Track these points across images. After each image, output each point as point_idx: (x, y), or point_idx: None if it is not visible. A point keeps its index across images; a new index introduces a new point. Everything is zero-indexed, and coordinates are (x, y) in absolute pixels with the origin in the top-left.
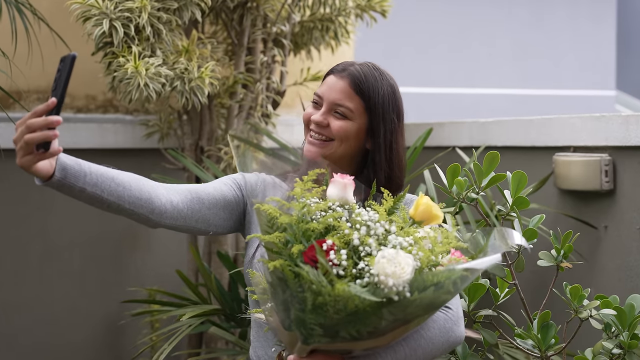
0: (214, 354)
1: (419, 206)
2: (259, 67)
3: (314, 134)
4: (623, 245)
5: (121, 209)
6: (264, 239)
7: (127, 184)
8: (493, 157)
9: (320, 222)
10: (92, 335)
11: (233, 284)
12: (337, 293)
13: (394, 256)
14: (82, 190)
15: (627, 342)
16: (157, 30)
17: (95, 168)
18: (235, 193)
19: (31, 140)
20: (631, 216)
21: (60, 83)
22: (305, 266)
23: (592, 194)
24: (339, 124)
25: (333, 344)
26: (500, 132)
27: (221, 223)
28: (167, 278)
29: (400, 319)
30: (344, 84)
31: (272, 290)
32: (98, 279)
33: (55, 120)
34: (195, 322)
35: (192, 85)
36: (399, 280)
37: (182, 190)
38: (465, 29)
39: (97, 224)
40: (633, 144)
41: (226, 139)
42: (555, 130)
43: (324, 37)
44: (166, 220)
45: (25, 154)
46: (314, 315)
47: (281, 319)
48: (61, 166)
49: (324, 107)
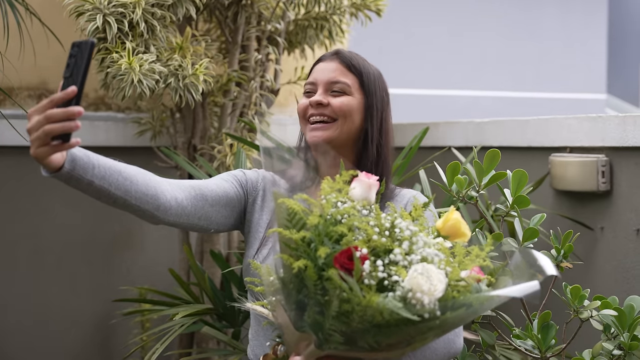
0: (205, 354)
1: (448, 221)
2: (253, 65)
3: (315, 117)
4: (620, 246)
5: (127, 204)
6: (285, 235)
7: (134, 178)
8: (494, 155)
9: (344, 224)
10: (83, 335)
11: (226, 283)
12: (368, 304)
13: (427, 271)
14: (90, 183)
15: (628, 344)
16: (151, 26)
17: (104, 161)
18: (237, 190)
19: (51, 132)
20: (628, 217)
21: (78, 71)
22: (333, 271)
23: (589, 195)
24: (340, 100)
25: (347, 351)
26: (496, 133)
27: (222, 220)
28: (159, 277)
29: (422, 334)
30: (335, 64)
31: (285, 288)
32: (88, 278)
33: (77, 111)
34: (188, 322)
35: (186, 82)
36: (432, 298)
37: (186, 187)
38: (457, 31)
39: (88, 223)
40: (630, 145)
41: (219, 138)
42: (551, 130)
43: (318, 35)
44: (170, 217)
45: (41, 145)
46: (336, 321)
47: (292, 318)
48: (71, 157)
49: (320, 89)
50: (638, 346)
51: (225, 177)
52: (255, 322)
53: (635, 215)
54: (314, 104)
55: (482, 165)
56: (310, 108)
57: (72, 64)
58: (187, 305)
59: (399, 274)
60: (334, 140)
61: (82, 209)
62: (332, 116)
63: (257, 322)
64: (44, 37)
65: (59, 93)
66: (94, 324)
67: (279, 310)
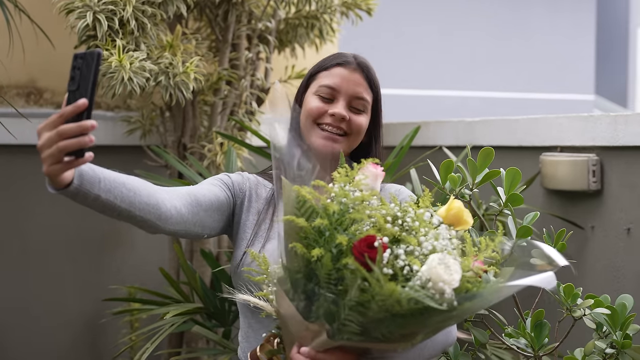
0: (195, 353)
1: (451, 209)
2: (243, 63)
3: (330, 128)
4: (610, 245)
5: (131, 216)
6: (297, 223)
7: (137, 190)
8: (487, 153)
9: (360, 212)
10: (71, 335)
11: (216, 283)
12: (391, 293)
13: (446, 261)
14: (97, 198)
15: (621, 342)
16: (141, 24)
17: (108, 173)
18: (226, 193)
19: (65, 148)
20: (618, 216)
21: (85, 82)
22: (349, 259)
23: (579, 194)
24: (360, 120)
25: (359, 342)
26: (486, 132)
27: (215, 225)
28: (148, 276)
29: (437, 324)
30: (359, 76)
31: (292, 278)
32: (77, 278)
33: (90, 125)
34: (178, 321)
35: (176, 81)
36: (451, 288)
37: (182, 194)
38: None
39: (77, 222)
40: (621, 144)
41: (210, 136)
42: (542, 130)
43: (309, 34)
44: (170, 226)
45: (54, 162)
46: (353, 311)
47: (300, 308)
48: (78, 172)
49: (341, 100)
50: (631, 344)
51: (214, 182)
52: (245, 324)
53: (625, 214)
54: (338, 117)
55: (475, 164)
56: (329, 117)
57: (78, 75)
58: (177, 305)
59: (414, 264)
60: (339, 153)
61: (71, 209)
62: (346, 131)
63: (247, 325)
64: (33, 35)
65: (69, 107)
66: (82, 323)
67: (282, 301)
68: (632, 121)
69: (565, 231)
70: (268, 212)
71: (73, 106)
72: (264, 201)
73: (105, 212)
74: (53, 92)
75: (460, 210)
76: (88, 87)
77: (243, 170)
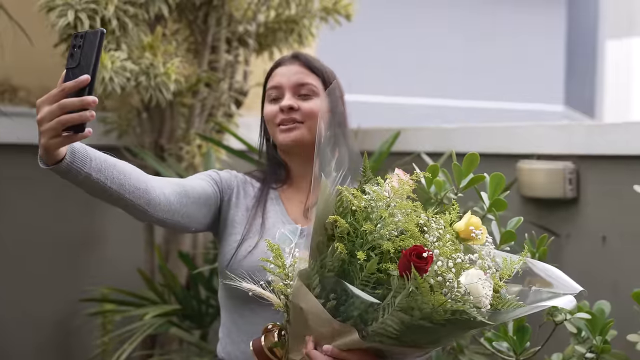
0: (167, 356)
1: (470, 224)
2: (222, 66)
3: (284, 121)
4: (586, 253)
5: (121, 199)
6: (342, 225)
7: (127, 173)
8: (473, 158)
9: (408, 222)
10: (43, 337)
11: (194, 284)
12: (438, 303)
13: (481, 277)
14: (88, 176)
15: (600, 347)
16: (123, 23)
17: (99, 154)
18: (214, 188)
19: (67, 122)
20: (594, 224)
21: (87, 60)
22: (392, 265)
23: (556, 201)
24: (309, 105)
25: (389, 345)
26: (464, 139)
27: (201, 220)
28: (122, 278)
29: (465, 334)
30: (297, 66)
31: (324, 275)
32: (50, 280)
33: (92, 100)
34: (157, 322)
35: (157, 81)
36: (487, 302)
37: (171, 183)
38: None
39: (51, 223)
40: (596, 153)
41: (187, 138)
42: (519, 138)
43: (287, 39)
44: (159, 213)
45: (54, 136)
46: (394, 317)
47: (329, 307)
48: (70, 149)
49: (287, 93)
50: (610, 349)
51: (202, 177)
52: (229, 320)
53: (600, 222)
54: (285, 108)
55: (461, 168)
56: (281, 114)
57: (78, 54)
58: (154, 306)
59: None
60: (304, 141)
61: (45, 209)
62: (301, 120)
63: (230, 321)
64: (12, 32)
65: (70, 82)
66: (55, 327)
67: (305, 296)
68: (608, 131)
69: (547, 237)
70: (258, 210)
71: (75, 81)
72: (253, 199)
73: (95, 192)
74: (28, 90)
75: (477, 226)
76: (90, 64)
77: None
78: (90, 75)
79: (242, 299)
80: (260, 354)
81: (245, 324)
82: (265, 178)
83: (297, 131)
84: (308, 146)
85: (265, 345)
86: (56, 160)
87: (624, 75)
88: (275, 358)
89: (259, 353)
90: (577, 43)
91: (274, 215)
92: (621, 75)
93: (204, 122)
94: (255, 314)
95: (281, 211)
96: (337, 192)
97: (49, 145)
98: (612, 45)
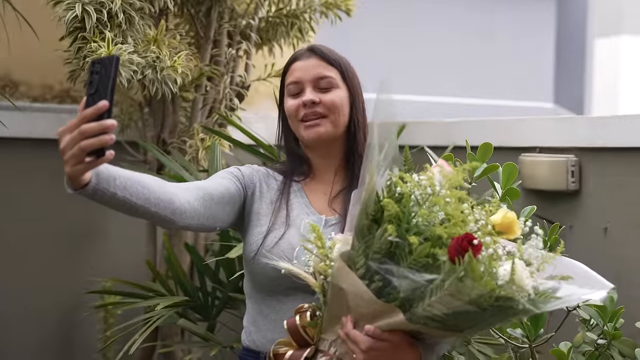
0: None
1: (506, 219)
2: (224, 60)
3: (309, 117)
4: (588, 244)
5: (146, 212)
6: (392, 207)
7: (150, 186)
8: (487, 148)
9: (456, 210)
10: (47, 332)
11: (200, 276)
12: (489, 289)
13: (523, 266)
14: (113, 196)
15: (612, 333)
16: (129, 17)
17: (121, 171)
18: (237, 186)
19: (87, 147)
20: (596, 216)
21: (104, 86)
22: (442, 251)
23: (558, 194)
24: (330, 96)
25: (433, 328)
26: (465, 133)
27: (226, 218)
28: (124, 271)
29: (505, 320)
30: (314, 60)
31: (370, 257)
32: (52, 274)
33: (111, 124)
34: (166, 313)
35: (163, 74)
36: (531, 290)
37: (193, 188)
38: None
39: (53, 217)
40: (599, 146)
41: (191, 132)
42: (521, 131)
43: (289, 33)
44: (185, 220)
45: (77, 163)
46: (442, 300)
47: (372, 288)
48: (95, 172)
49: (307, 87)
50: (622, 335)
51: (224, 175)
52: (254, 309)
53: (602, 213)
54: (308, 103)
55: (475, 158)
56: (303, 108)
57: (96, 80)
58: (162, 298)
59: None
60: (328, 135)
61: (45, 203)
62: (323, 114)
63: (256, 310)
64: (17, 25)
65: (89, 109)
66: (57, 319)
67: (347, 276)
68: (610, 123)
69: (559, 226)
70: (282, 202)
71: (94, 108)
72: (277, 192)
73: (121, 209)
74: (29, 85)
75: (513, 220)
76: (107, 90)
77: (228, 165)
78: (107, 100)
79: (269, 290)
80: (295, 333)
81: (272, 313)
82: (287, 171)
83: (322, 127)
84: (330, 139)
85: (300, 324)
86: (82, 185)
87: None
88: (309, 338)
89: (293, 332)
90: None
91: (297, 207)
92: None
93: (206, 116)
94: (282, 303)
95: (305, 203)
96: (386, 177)
97: (73, 173)
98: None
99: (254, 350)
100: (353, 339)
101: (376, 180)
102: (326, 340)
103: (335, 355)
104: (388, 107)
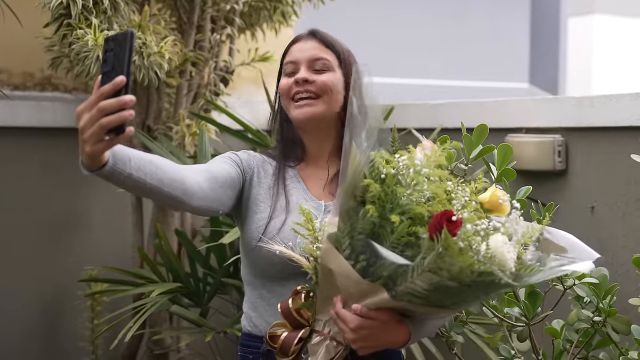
0: (159, 335)
1: (493, 196)
2: (208, 45)
3: (300, 94)
4: (575, 223)
5: (160, 192)
6: (373, 188)
7: (163, 167)
8: (482, 129)
9: (438, 187)
10: (32, 323)
11: (191, 262)
12: (467, 264)
13: (505, 241)
14: (129, 176)
15: (607, 310)
16: (114, 3)
17: (134, 152)
18: (237, 171)
19: (108, 124)
20: (582, 195)
21: (120, 62)
22: (422, 228)
23: (545, 173)
24: (324, 77)
25: (417, 305)
26: (451, 114)
27: (228, 202)
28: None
29: (488, 296)
30: (313, 42)
31: (354, 238)
32: (36, 263)
33: (129, 100)
34: (160, 300)
35: (150, 60)
36: (512, 265)
37: (200, 170)
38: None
39: (34, 206)
40: (585, 125)
41: (176, 118)
42: (507, 112)
43: (271, 17)
44: (194, 201)
45: (97, 141)
46: (423, 277)
47: (358, 268)
48: (111, 152)
49: (302, 67)
50: (617, 312)
51: (223, 160)
52: (254, 295)
53: (589, 193)
54: (300, 80)
55: (472, 139)
56: (295, 86)
57: (111, 57)
58: (154, 284)
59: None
60: (320, 116)
61: (29, 192)
62: (317, 93)
63: (256, 295)
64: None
65: (107, 85)
66: (42, 309)
67: (334, 258)
68: (596, 103)
69: (554, 205)
70: (280, 189)
71: (111, 84)
72: (272, 177)
73: (135, 189)
74: (9, 73)
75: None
76: (124, 65)
77: (216, 151)
78: (124, 75)
79: (269, 276)
80: (288, 316)
81: (274, 297)
82: (280, 156)
83: (312, 107)
84: (324, 122)
85: (292, 307)
86: (100, 165)
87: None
88: (303, 320)
89: (287, 315)
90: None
91: (295, 193)
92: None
93: (191, 102)
94: (283, 287)
95: (302, 189)
96: (368, 158)
97: (93, 151)
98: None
99: (257, 335)
100: (342, 318)
101: (360, 158)
102: (320, 320)
103: (330, 335)
104: (368, 89)
